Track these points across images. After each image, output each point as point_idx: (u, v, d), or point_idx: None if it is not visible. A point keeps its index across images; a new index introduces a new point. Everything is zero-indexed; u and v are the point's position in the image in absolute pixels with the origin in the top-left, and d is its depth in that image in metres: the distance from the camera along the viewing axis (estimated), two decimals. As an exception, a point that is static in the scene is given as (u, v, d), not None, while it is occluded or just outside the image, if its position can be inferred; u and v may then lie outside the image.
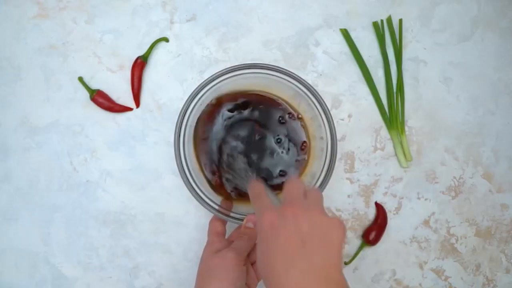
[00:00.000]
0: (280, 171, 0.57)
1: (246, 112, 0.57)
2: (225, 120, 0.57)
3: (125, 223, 0.61)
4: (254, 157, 0.56)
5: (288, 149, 0.57)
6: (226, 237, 0.54)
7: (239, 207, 0.56)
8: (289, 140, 0.57)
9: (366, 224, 0.62)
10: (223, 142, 0.56)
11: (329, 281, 0.35)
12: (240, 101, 0.57)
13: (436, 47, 0.63)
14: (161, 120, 0.62)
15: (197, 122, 0.56)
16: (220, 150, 0.56)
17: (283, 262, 0.36)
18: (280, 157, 0.57)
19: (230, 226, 0.61)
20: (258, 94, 0.57)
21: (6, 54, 0.62)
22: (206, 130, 0.57)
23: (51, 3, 0.63)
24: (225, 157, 0.56)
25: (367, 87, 0.63)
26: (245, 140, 0.57)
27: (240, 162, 0.55)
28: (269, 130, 0.57)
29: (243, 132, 0.57)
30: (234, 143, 0.56)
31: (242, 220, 0.52)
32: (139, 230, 0.61)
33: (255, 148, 0.57)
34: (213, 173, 0.56)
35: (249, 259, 0.51)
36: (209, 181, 0.57)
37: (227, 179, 0.56)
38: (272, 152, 0.57)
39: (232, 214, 0.53)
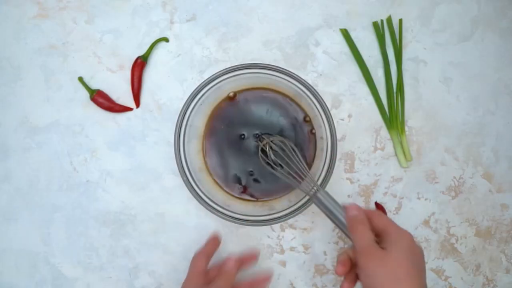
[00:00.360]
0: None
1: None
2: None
3: (125, 223, 0.61)
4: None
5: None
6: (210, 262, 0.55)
7: (239, 207, 0.56)
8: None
9: (366, 224, 0.62)
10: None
11: None
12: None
13: (436, 47, 0.63)
14: (161, 120, 0.62)
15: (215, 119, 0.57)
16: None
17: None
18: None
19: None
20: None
21: (6, 54, 0.62)
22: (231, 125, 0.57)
23: (51, 3, 0.63)
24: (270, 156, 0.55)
25: (367, 87, 0.63)
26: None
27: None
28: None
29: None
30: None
31: (242, 220, 0.52)
32: (139, 230, 0.61)
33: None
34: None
35: None
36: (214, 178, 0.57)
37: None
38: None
39: (232, 214, 0.53)
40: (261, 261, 0.61)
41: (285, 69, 0.53)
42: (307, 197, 0.53)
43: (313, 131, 0.57)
